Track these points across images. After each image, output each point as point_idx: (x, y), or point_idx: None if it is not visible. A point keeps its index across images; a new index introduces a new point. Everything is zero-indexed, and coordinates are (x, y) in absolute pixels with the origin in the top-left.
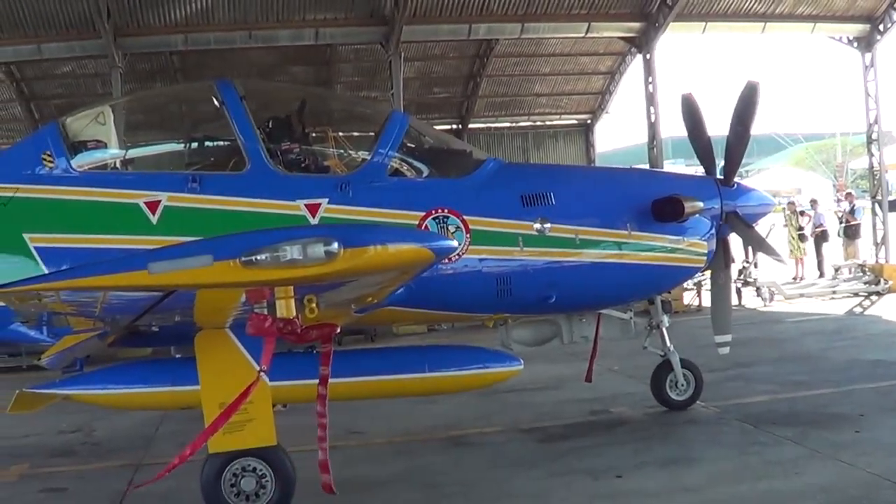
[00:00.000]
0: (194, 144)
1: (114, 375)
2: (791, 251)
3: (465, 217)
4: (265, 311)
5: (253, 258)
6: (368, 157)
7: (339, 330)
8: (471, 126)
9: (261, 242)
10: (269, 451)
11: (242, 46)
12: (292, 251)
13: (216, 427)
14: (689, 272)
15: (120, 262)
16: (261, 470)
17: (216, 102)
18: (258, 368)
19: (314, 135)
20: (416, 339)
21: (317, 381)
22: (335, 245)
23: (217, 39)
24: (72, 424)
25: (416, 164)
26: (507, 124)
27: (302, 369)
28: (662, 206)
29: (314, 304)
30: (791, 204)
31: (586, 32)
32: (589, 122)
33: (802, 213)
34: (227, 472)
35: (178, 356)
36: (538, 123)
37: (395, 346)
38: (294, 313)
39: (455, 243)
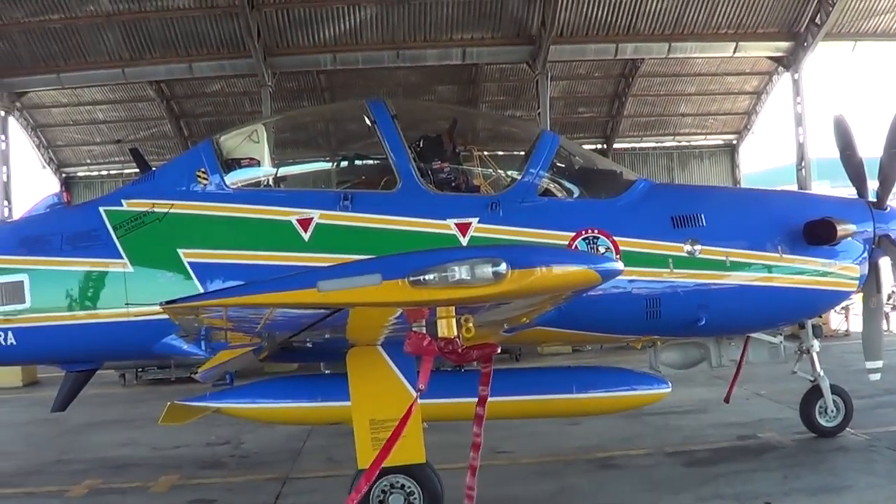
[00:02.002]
0: (346, 163)
1: (264, 390)
2: None
3: (615, 238)
4: (423, 330)
5: (421, 278)
6: (519, 177)
7: (499, 350)
8: (615, 146)
9: (429, 262)
10: (418, 468)
11: (389, 66)
12: (461, 271)
13: (387, 452)
14: (840, 296)
15: (290, 279)
16: (409, 487)
17: (368, 121)
18: (417, 387)
19: (464, 154)
20: (560, 360)
21: (463, 399)
22: (503, 266)
23: (365, 59)
24: (220, 437)
25: (566, 184)
26: (652, 144)
27: (449, 388)
28: (815, 229)
29: (471, 324)
30: None
31: (734, 52)
32: (734, 142)
33: None
34: (375, 489)
35: (326, 372)
36: (683, 143)
37: (542, 366)
38: (455, 333)
39: (621, 266)
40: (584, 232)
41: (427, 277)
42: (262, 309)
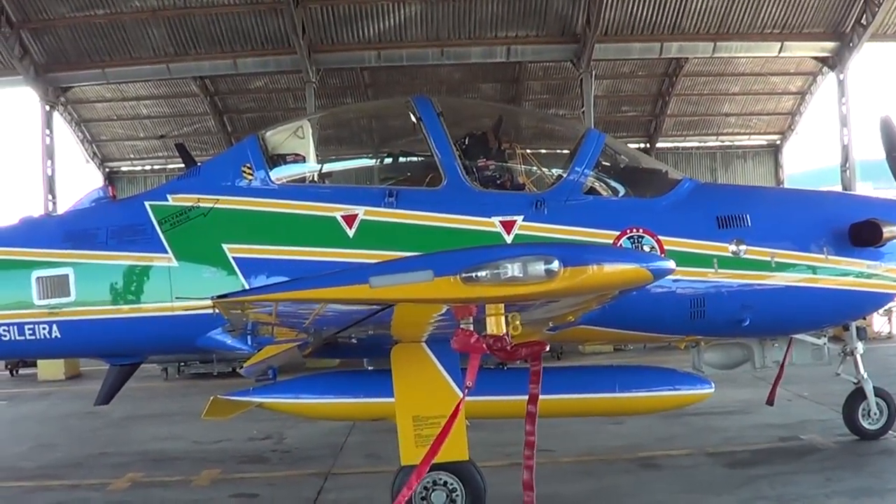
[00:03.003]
0: (390, 159)
1: (307, 385)
2: None
3: (659, 237)
4: (471, 327)
5: (473, 275)
6: (564, 175)
7: (547, 348)
8: (658, 145)
9: (481, 259)
10: (461, 465)
11: (434, 63)
12: (513, 269)
13: (436, 449)
14: (885, 298)
15: (342, 275)
16: (452, 484)
17: (413, 118)
18: (463, 384)
19: (509, 151)
20: (601, 359)
21: (505, 397)
22: (556, 263)
23: (409, 56)
24: (262, 431)
25: (611, 182)
26: (696, 144)
27: (491, 385)
28: (860, 231)
29: (518, 322)
30: None
31: (779, 52)
32: (778, 142)
33: None
34: (418, 485)
35: (369, 368)
36: (726, 143)
37: (584, 364)
38: (504, 330)
39: (673, 265)
40: (628, 231)
41: (479, 274)
42: (313, 304)
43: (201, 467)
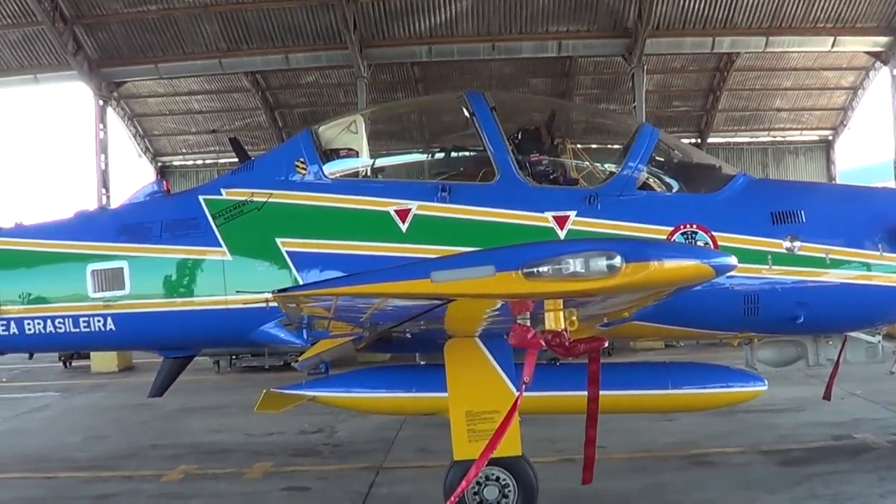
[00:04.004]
0: (443, 154)
1: (359, 379)
2: None
3: (713, 233)
4: (528, 323)
5: (535, 270)
6: (617, 170)
7: (606, 344)
8: (709, 140)
9: (543, 254)
10: (514, 461)
11: (484, 58)
12: (575, 264)
13: (494, 444)
14: None
15: (403, 269)
16: (504, 479)
17: (466, 113)
18: (520, 380)
19: (562, 146)
20: (652, 355)
21: (558, 392)
22: (618, 259)
23: (460, 51)
24: (313, 425)
25: (664, 178)
26: (747, 139)
27: (546, 381)
28: None
29: (574, 317)
30: None
31: (832, 46)
32: (830, 138)
33: None
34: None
35: (422, 363)
36: (778, 139)
37: (637, 361)
38: (563, 326)
39: (735, 261)
40: (682, 227)
41: (541, 269)
42: (372, 299)
43: (253, 460)
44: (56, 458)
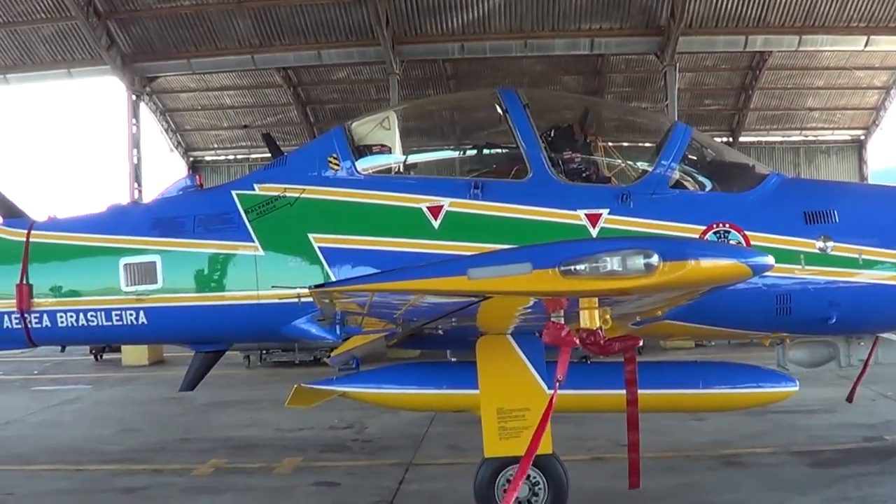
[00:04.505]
0: (476, 151)
1: (390, 375)
2: None
3: (746, 232)
4: (562, 321)
5: (572, 268)
6: (650, 169)
7: (641, 343)
8: (741, 139)
9: (580, 252)
10: (544, 458)
11: (517, 56)
12: (612, 262)
13: (536, 445)
14: None
15: (439, 266)
16: (534, 477)
17: (499, 110)
18: (555, 379)
19: (595, 144)
20: (683, 354)
21: (590, 391)
22: (655, 258)
23: (493, 48)
24: (343, 420)
25: (697, 176)
26: (779, 138)
27: (577, 379)
28: None
29: (608, 316)
30: None
31: (865, 46)
32: (862, 137)
33: None
34: (500, 478)
35: (452, 360)
36: (810, 138)
37: (668, 360)
38: (598, 324)
39: (772, 260)
40: (715, 226)
41: (578, 268)
42: (408, 295)
43: (283, 455)
44: (87, 450)
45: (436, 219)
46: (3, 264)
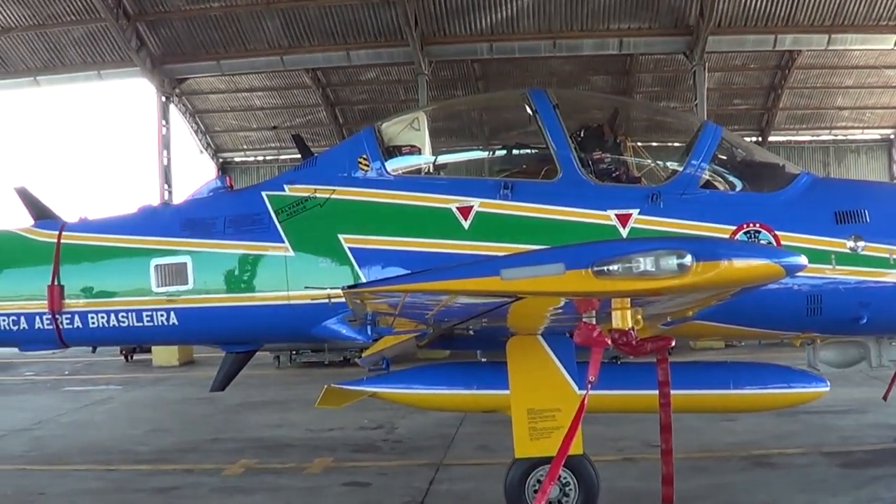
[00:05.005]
0: (505, 151)
1: (420, 376)
2: None
3: (776, 232)
4: (593, 321)
5: (605, 268)
6: (680, 169)
7: (673, 343)
8: (770, 139)
9: (613, 252)
10: (575, 459)
11: (545, 56)
12: (645, 263)
13: (567, 445)
14: None
15: (472, 267)
16: (565, 478)
17: (529, 111)
18: (587, 379)
19: (624, 144)
20: (712, 355)
21: (620, 392)
22: (688, 258)
23: (521, 48)
24: (373, 421)
25: (727, 176)
26: (808, 138)
27: (607, 380)
28: None
29: (640, 316)
30: None
31: (895, 44)
32: (892, 136)
33: None
34: (531, 478)
35: (483, 360)
36: (839, 137)
37: (699, 360)
38: (630, 325)
39: (805, 260)
40: (745, 226)
41: (611, 268)
42: (440, 295)
43: (314, 455)
44: (118, 450)
45: (466, 219)
46: (34, 265)
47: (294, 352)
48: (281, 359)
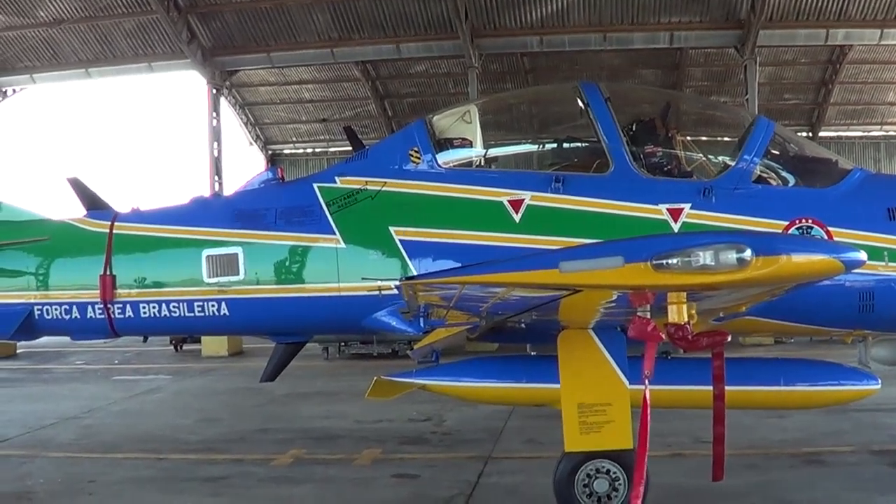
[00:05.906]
0: (557, 145)
1: (470, 369)
2: None
3: (829, 228)
4: (648, 315)
5: (664, 262)
6: (732, 163)
7: (728, 338)
8: (821, 134)
9: (672, 246)
10: (625, 454)
11: (595, 49)
12: (705, 257)
13: (644, 443)
14: None
15: (530, 259)
16: (614, 473)
17: (580, 104)
18: (643, 374)
19: (676, 138)
20: (762, 351)
21: (670, 387)
22: (748, 252)
23: (572, 41)
24: (422, 413)
25: (780, 171)
26: (859, 133)
27: (660, 375)
28: None
29: (693, 311)
30: None
31: None
32: None
33: None
34: (580, 472)
35: (532, 353)
36: (890, 133)
37: (749, 356)
38: (686, 319)
39: (864, 256)
40: (797, 221)
41: (670, 262)
42: (496, 288)
43: (362, 446)
44: (168, 439)
45: (517, 212)
46: (87, 255)
47: (343, 343)
48: (329, 350)
